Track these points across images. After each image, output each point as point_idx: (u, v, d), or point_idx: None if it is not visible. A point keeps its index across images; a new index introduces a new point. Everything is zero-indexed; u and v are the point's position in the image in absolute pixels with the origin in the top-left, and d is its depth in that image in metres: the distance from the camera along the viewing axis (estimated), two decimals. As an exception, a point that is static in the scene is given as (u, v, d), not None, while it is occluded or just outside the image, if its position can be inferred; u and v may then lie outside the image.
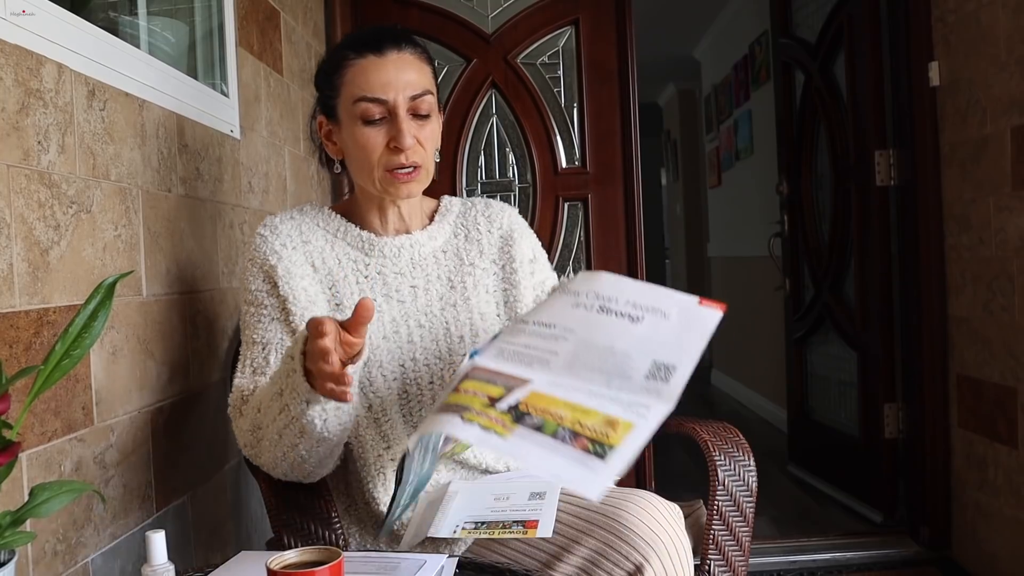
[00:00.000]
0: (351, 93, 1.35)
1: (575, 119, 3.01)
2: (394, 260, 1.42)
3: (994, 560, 2.56)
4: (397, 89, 1.33)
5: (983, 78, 2.51)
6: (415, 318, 1.41)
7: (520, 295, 1.49)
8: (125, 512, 1.34)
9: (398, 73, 1.34)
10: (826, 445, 3.59)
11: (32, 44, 1.11)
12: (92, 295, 0.86)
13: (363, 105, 1.33)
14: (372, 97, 1.33)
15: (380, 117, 1.34)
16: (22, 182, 1.09)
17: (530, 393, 0.97)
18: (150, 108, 1.47)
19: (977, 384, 2.62)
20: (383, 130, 1.34)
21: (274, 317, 1.35)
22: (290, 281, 1.34)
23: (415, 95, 1.35)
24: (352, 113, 1.35)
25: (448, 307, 1.43)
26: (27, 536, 0.81)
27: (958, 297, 2.72)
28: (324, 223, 1.44)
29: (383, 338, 1.37)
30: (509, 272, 1.49)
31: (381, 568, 1.04)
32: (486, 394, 0.99)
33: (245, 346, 1.37)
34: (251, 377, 1.34)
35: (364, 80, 1.34)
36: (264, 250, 1.37)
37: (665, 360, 0.97)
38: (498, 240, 1.51)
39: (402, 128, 1.33)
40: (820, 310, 3.62)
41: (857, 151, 3.20)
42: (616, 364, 0.99)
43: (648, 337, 1.01)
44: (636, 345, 1.00)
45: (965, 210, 2.65)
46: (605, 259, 2.98)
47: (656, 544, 1.18)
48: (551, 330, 1.06)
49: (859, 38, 3.14)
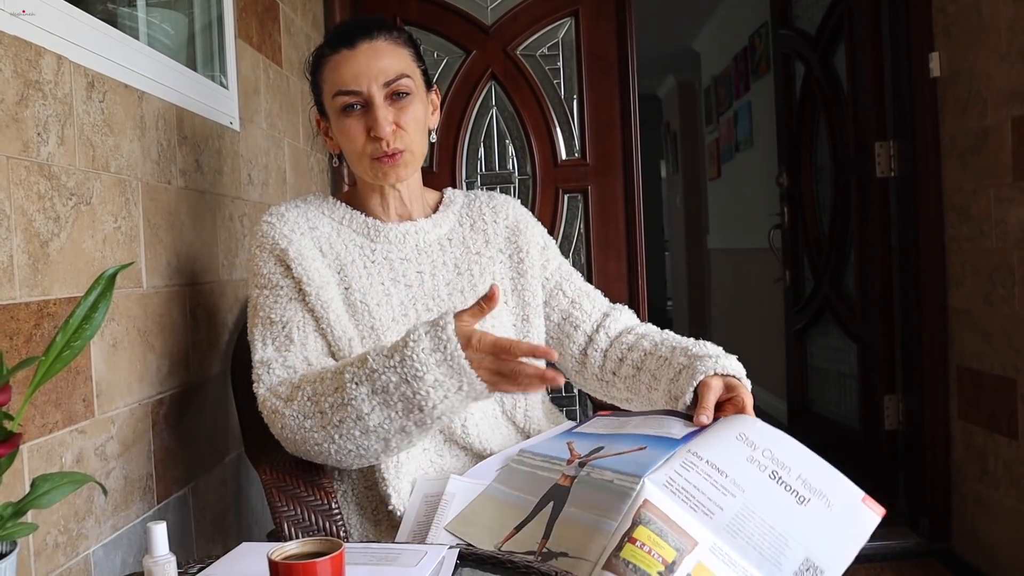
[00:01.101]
0: (330, 89, 1.39)
1: (575, 111, 3.00)
2: (399, 246, 1.44)
3: (994, 551, 2.57)
4: (370, 78, 1.36)
5: (984, 69, 2.51)
6: (423, 302, 1.42)
7: (528, 284, 1.50)
8: (126, 504, 1.34)
9: (369, 62, 1.37)
10: (826, 437, 3.59)
11: (31, 35, 1.11)
12: (93, 286, 0.86)
13: (340, 99, 1.38)
14: (346, 90, 1.37)
15: (358, 108, 1.37)
16: (21, 174, 1.09)
17: (696, 565, 1.00)
18: (149, 100, 1.47)
19: (977, 375, 2.62)
20: (363, 120, 1.37)
21: (292, 297, 1.35)
22: (303, 263, 1.35)
23: (389, 80, 1.37)
24: (334, 107, 1.39)
25: (456, 292, 1.45)
26: (28, 527, 0.81)
27: (958, 288, 2.72)
28: (329, 211, 1.45)
29: (392, 320, 1.39)
30: (517, 261, 1.52)
31: (382, 559, 1.04)
32: (661, 556, 1.00)
33: (262, 326, 1.36)
34: (275, 352, 1.32)
35: (338, 75, 1.38)
36: (273, 235, 1.37)
37: (817, 560, 1.01)
38: (504, 230, 1.53)
39: (377, 116, 1.36)
40: (820, 302, 3.62)
41: (857, 142, 3.19)
42: (772, 546, 1.02)
43: (808, 526, 1.05)
44: (796, 532, 1.04)
45: (965, 201, 2.65)
46: (605, 251, 2.97)
47: None
48: (723, 479, 1.07)
49: (859, 29, 3.13)
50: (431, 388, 1.13)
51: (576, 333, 1.52)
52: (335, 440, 1.21)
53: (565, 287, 1.55)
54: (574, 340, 1.52)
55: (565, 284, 1.55)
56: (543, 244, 1.57)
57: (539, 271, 1.53)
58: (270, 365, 1.31)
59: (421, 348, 1.13)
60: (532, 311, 1.50)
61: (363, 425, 1.19)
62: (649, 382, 1.38)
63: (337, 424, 1.20)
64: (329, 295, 1.35)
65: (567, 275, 1.57)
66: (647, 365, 1.39)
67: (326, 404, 1.21)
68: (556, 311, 1.54)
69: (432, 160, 2.98)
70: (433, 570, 1.01)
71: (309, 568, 0.85)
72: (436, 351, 1.13)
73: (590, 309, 1.53)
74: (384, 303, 1.39)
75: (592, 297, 1.56)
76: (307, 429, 1.23)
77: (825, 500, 1.07)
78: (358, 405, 1.18)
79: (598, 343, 1.49)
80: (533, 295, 1.50)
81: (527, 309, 1.50)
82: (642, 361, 1.40)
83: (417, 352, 1.13)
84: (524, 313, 1.50)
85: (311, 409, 1.22)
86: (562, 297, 1.54)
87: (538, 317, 1.50)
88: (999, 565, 2.54)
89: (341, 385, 1.20)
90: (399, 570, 1.00)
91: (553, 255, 1.58)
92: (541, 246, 1.56)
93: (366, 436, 1.20)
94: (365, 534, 1.37)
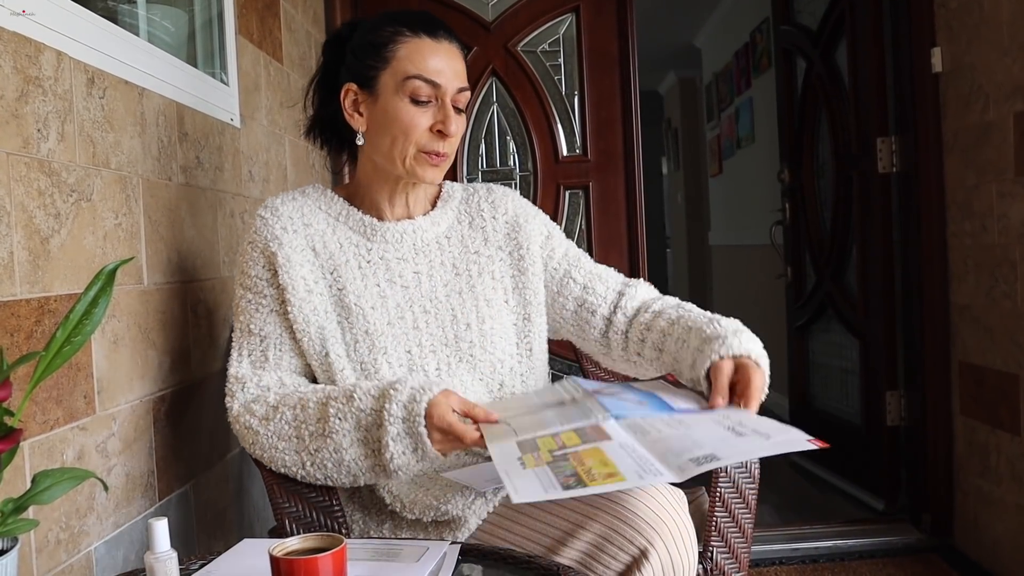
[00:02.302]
0: (403, 69, 1.34)
1: (576, 107, 3.00)
2: (396, 246, 1.42)
3: (996, 547, 2.56)
4: (449, 77, 1.35)
5: (985, 64, 2.50)
6: (419, 303, 1.40)
7: (530, 282, 1.47)
8: (128, 501, 1.34)
9: (450, 62, 1.36)
10: (828, 433, 3.58)
11: (31, 32, 1.11)
12: (93, 282, 0.86)
13: (415, 83, 1.34)
14: (427, 78, 1.34)
15: (426, 100, 1.34)
16: (22, 170, 1.08)
17: (591, 448, 1.03)
18: (150, 96, 1.47)
19: (979, 371, 2.62)
20: (428, 112, 1.35)
21: (273, 309, 1.35)
22: (290, 270, 1.34)
23: (461, 88, 1.37)
24: (400, 89, 1.34)
25: (453, 294, 1.42)
26: (30, 523, 0.81)
27: (960, 284, 2.72)
28: (326, 206, 1.43)
29: (388, 324, 1.37)
30: (517, 259, 1.48)
31: (384, 554, 1.04)
32: (563, 442, 1.07)
33: (240, 333, 1.37)
34: (250, 369, 1.34)
35: (421, 59, 1.34)
36: (265, 235, 1.36)
37: (718, 453, 1.00)
38: (504, 226, 1.49)
39: (450, 114, 1.35)
40: (822, 298, 3.61)
41: (859, 138, 3.19)
42: (681, 446, 1.02)
43: (730, 439, 1.05)
44: (714, 441, 1.03)
45: (967, 197, 2.65)
46: (607, 247, 2.97)
47: (660, 528, 1.18)
48: (676, 428, 1.09)
49: (861, 24, 3.12)
50: (392, 440, 1.20)
51: (594, 318, 1.46)
52: (305, 467, 1.27)
53: (575, 274, 1.49)
54: (593, 326, 1.46)
55: (574, 270, 1.49)
56: (546, 234, 1.52)
57: (541, 266, 1.49)
58: (244, 383, 1.34)
59: (392, 416, 1.20)
60: (533, 310, 1.46)
61: (338, 458, 1.25)
62: (672, 364, 1.34)
63: (313, 452, 1.26)
64: (312, 306, 1.34)
65: (575, 261, 1.51)
66: (667, 347, 1.35)
67: (305, 432, 1.26)
68: (570, 299, 1.48)
69: (433, 157, 2.98)
70: (435, 566, 1.01)
71: (310, 564, 0.85)
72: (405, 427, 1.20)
73: (604, 291, 1.47)
74: (379, 306, 1.37)
75: (604, 279, 1.49)
76: (279, 450, 1.28)
77: (764, 435, 1.05)
78: (339, 439, 1.24)
79: (617, 325, 1.44)
80: (535, 293, 1.47)
81: (528, 308, 1.46)
82: (662, 343, 1.36)
83: (390, 409, 1.20)
84: (525, 312, 1.46)
85: (289, 433, 1.27)
86: (573, 285, 1.48)
87: (539, 315, 1.47)
88: (1001, 560, 2.54)
89: (324, 417, 1.25)
90: (401, 566, 1.00)
91: (559, 243, 1.52)
92: (544, 236, 1.51)
93: (338, 469, 1.26)
94: (367, 530, 1.37)
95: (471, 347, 1.39)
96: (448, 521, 1.30)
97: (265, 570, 0.87)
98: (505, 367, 1.42)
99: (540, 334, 1.48)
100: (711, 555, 1.38)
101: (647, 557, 1.16)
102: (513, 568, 1.06)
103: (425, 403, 1.18)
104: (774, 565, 2.75)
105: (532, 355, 1.46)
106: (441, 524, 1.31)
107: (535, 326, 1.47)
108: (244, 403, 1.32)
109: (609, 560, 1.18)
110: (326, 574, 0.85)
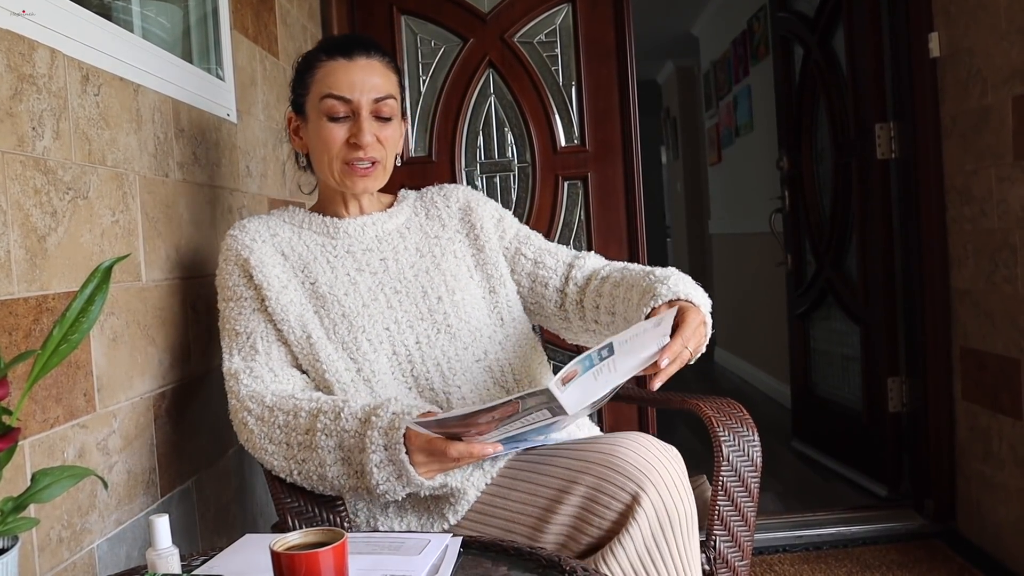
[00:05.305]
0: (319, 91, 1.46)
1: (573, 97, 2.99)
2: (359, 238, 1.51)
3: (999, 531, 2.57)
4: (362, 91, 1.44)
5: (983, 48, 2.49)
6: (390, 285, 1.47)
7: (489, 257, 1.55)
8: (130, 498, 1.35)
9: (364, 76, 1.45)
10: (830, 420, 3.59)
11: (24, 29, 1.10)
12: (89, 279, 0.85)
13: (329, 102, 1.44)
14: (338, 95, 1.44)
15: (343, 115, 1.45)
16: (17, 168, 1.08)
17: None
18: (145, 93, 1.46)
19: (980, 356, 2.62)
20: (345, 127, 1.45)
21: (255, 308, 1.43)
22: (263, 270, 1.42)
23: (378, 98, 1.46)
24: (318, 109, 1.46)
25: (421, 273, 1.50)
26: (30, 522, 0.81)
27: (960, 269, 2.72)
28: (289, 218, 1.54)
29: (363, 306, 1.44)
30: (473, 239, 1.57)
31: (385, 548, 1.04)
32: None
33: (228, 337, 1.44)
34: (242, 361, 1.41)
35: (333, 79, 1.45)
36: (236, 247, 1.45)
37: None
38: (457, 212, 1.59)
39: (363, 126, 1.44)
40: (822, 285, 3.61)
41: (857, 125, 3.18)
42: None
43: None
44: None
45: (966, 182, 2.64)
46: (606, 237, 2.97)
47: (651, 472, 1.21)
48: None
49: (858, 10, 3.11)
50: (376, 468, 1.25)
51: (548, 291, 1.55)
52: (293, 474, 1.33)
53: (524, 250, 1.58)
54: (548, 299, 1.56)
55: (524, 247, 1.59)
56: (498, 217, 1.61)
57: (497, 243, 1.58)
58: (238, 376, 1.40)
59: (372, 441, 1.24)
60: (497, 282, 1.54)
61: (322, 472, 1.30)
62: (624, 324, 1.40)
63: (300, 462, 1.31)
64: (289, 298, 1.42)
65: (524, 239, 1.60)
66: (617, 309, 1.43)
67: (294, 440, 1.31)
68: (524, 276, 1.57)
69: (431, 150, 2.98)
70: (436, 558, 1.02)
71: (311, 558, 0.85)
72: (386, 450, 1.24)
73: (553, 264, 1.56)
74: (352, 292, 1.44)
75: (554, 253, 1.58)
76: (269, 452, 1.34)
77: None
78: (323, 455, 1.29)
79: (571, 296, 1.53)
80: (495, 267, 1.55)
81: (492, 281, 1.54)
82: (612, 306, 1.45)
83: (372, 436, 1.24)
84: (490, 285, 1.54)
85: (280, 438, 1.33)
86: (524, 260, 1.58)
87: (503, 287, 1.55)
88: (1004, 545, 2.54)
89: (312, 429, 1.30)
90: (402, 559, 1.00)
91: (509, 225, 1.61)
92: (496, 219, 1.60)
93: (322, 482, 1.31)
94: (372, 515, 1.38)
95: (446, 317, 1.46)
96: (447, 496, 1.34)
97: (267, 565, 0.88)
98: (484, 335, 1.48)
99: (510, 305, 1.55)
100: (714, 543, 1.38)
101: (639, 502, 1.18)
102: (514, 559, 1.06)
103: (404, 429, 1.23)
104: (777, 553, 2.76)
105: (505, 324, 1.52)
106: (441, 499, 1.35)
107: (501, 297, 1.54)
108: (240, 397, 1.38)
109: (603, 511, 1.20)
110: (327, 568, 0.85)
